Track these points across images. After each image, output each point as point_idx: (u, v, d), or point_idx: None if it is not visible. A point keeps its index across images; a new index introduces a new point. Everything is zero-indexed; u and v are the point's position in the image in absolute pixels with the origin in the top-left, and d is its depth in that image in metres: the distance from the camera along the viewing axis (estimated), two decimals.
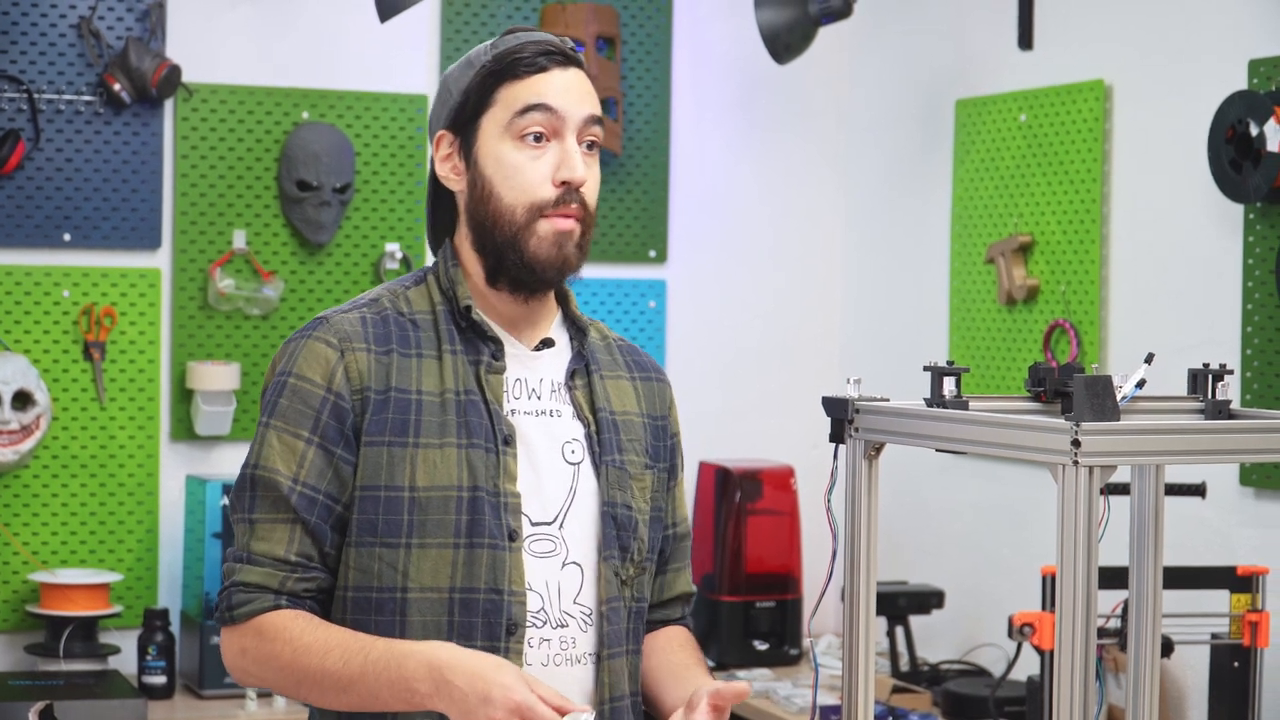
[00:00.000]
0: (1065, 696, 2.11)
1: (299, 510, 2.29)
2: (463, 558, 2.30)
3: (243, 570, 2.30)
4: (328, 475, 2.31)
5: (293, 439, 2.31)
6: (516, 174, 2.33)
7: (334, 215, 4.55)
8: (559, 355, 2.43)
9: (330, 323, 2.35)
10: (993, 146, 4.48)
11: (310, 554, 2.30)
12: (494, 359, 2.37)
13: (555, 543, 2.36)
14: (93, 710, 3.90)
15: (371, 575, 2.31)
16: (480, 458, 2.32)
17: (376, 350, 2.34)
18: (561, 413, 2.40)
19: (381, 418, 2.31)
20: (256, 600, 2.29)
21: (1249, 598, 3.43)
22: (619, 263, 4.93)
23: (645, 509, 2.43)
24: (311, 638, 2.26)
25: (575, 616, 2.36)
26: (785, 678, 4.43)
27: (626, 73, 4.89)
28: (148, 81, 4.34)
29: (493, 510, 2.31)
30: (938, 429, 2.30)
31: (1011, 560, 4.38)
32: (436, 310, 2.39)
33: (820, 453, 4.97)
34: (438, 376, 2.34)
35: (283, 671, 2.27)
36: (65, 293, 4.37)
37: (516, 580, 2.31)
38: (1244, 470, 3.75)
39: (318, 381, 2.32)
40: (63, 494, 4.38)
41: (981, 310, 4.52)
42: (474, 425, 2.33)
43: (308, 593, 2.31)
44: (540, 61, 2.35)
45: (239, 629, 2.30)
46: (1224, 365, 2.41)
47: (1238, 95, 3.69)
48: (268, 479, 2.31)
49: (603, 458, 2.39)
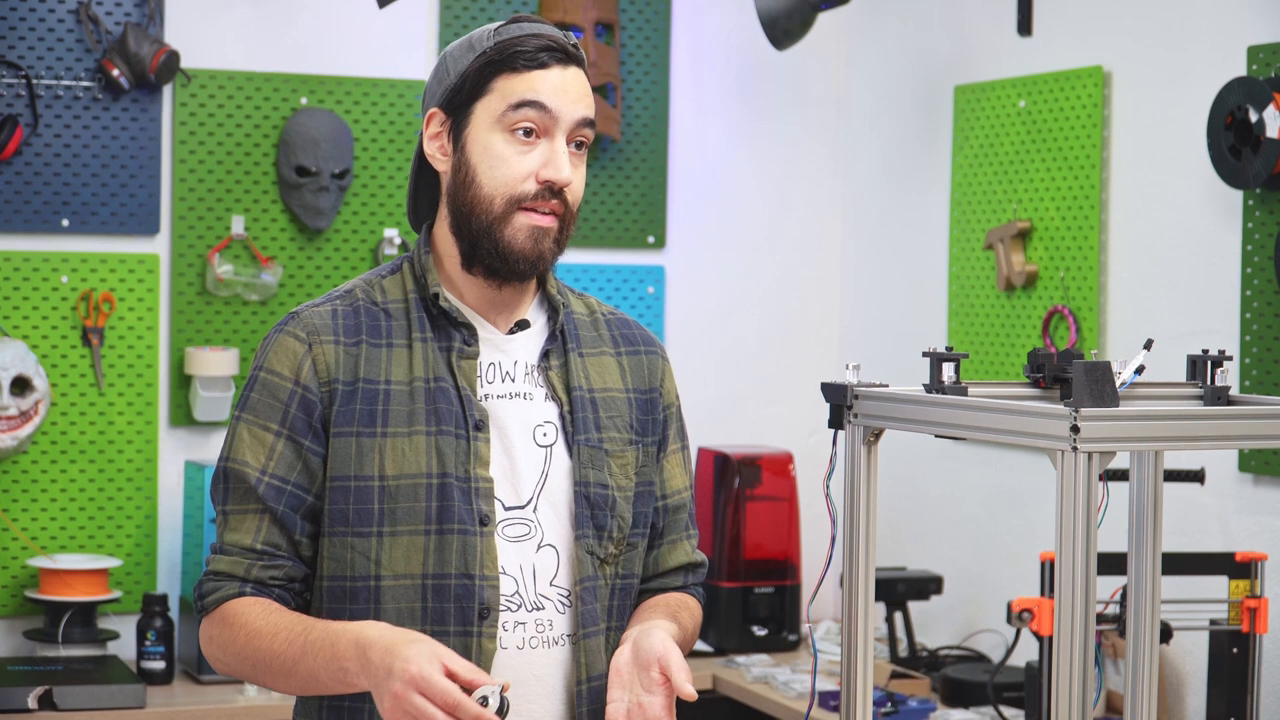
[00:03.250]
0: (1064, 682, 2.11)
1: (266, 500, 2.33)
2: (433, 544, 2.32)
3: (214, 560, 2.36)
4: (297, 467, 2.34)
5: (262, 432, 2.36)
6: (501, 165, 2.35)
7: (332, 201, 4.55)
8: (534, 337, 2.44)
9: (300, 317, 2.39)
10: (992, 133, 4.48)
11: (278, 543, 2.34)
12: (466, 344, 2.39)
13: (529, 526, 2.37)
14: (92, 695, 3.91)
15: (345, 564, 2.34)
16: (450, 444, 2.33)
17: (346, 342, 2.37)
18: (534, 395, 2.41)
19: (350, 409, 2.34)
20: (223, 588, 2.33)
21: (1248, 584, 3.43)
22: (617, 249, 4.93)
23: (628, 485, 2.43)
24: (263, 622, 2.29)
25: (552, 599, 2.37)
26: (784, 663, 4.43)
27: (625, 58, 4.89)
28: (146, 67, 4.33)
29: (463, 496, 2.33)
30: (937, 415, 2.30)
31: (1010, 546, 4.38)
32: (409, 298, 2.41)
33: (819, 439, 4.97)
34: (407, 365, 2.37)
35: (239, 656, 2.32)
36: (64, 278, 4.37)
37: (489, 565, 2.32)
38: (1243, 456, 3.75)
39: (286, 375, 2.36)
40: (61, 480, 4.38)
41: (980, 296, 4.52)
42: (443, 412, 2.34)
43: (274, 580, 2.34)
44: (541, 57, 2.35)
45: (209, 618, 2.35)
46: (1223, 351, 2.41)
47: (1237, 81, 3.69)
48: (238, 471, 2.36)
49: (575, 437, 2.40)
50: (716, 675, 4.36)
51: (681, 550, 2.55)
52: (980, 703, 3.96)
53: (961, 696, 4.03)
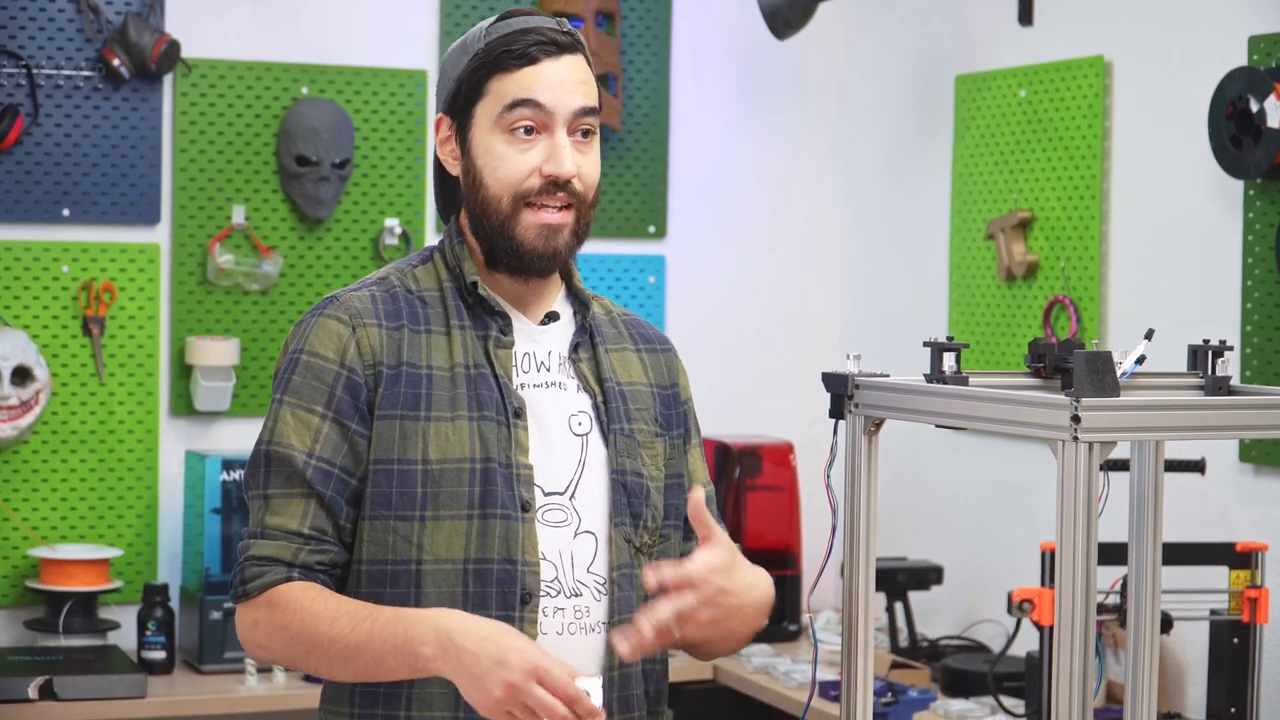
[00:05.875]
0: (1064, 672, 2.11)
1: (314, 484, 2.31)
2: (476, 529, 2.32)
3: (256, 545, 2.32)
4: (343, 449, 2.33)
5: (307, 414, 2.33)
6: (503, 165, 2.36)
7: (333, 191, 4.55)
8: (564, 329, 2.46)
9: (341, 301, 2.38)
10: (993, 122, 4.48)
11: (324, 527, 2.32)
12: (502, 333, 2.40)
13: (567, 513, 2.38)
14: (92, 685, 3.91)
15: (386, 548, 2.33)
16: (492, 430, 2.34)
17: (388, 326, 2.37)
18: (567, 385, 2.42)
19: (394, 392, 2.34)
20: (269, 573, 2.31)
21: (1248, 574, 3.44)
22: (618, 238, 4.92)
23: (658, 476, 2.44)
24: (320, 606, 2.27)
25: (589, 585, 2.37)
26: (784, 653, 4.44)
27: (626, 48, 4.88)
28: (147, 56, 4.33)
29: (505, 481, 2.33)
30: (937, 405, 2.30)
31: (1011, 536, 4.38)
32: (444, 287, 2.42)
33: (820, 429, 4.97)
34: (447, 352, 2.37)
35: (292, 641, 2.28)
36: (65, 268, 4.37)
37: (530, 550, 2.33)
38: (1244, 446, 3.75)
39: (330, 357, 2.34)
40: (62, 469, 4.38)
41: (981, 286, 4.51)
42: (484, 398, 2.35)
43: (321, 565, 2.32)
44: (531, 53, 2.36)
45: (252, 603, 2.32)
46: (1224, 341, 2.41)
47: (1238, 71, 3.68)
48: (282, 454, 2.33)
49: (610, 426, 2.41)
50: (717, 665, 4.36)
51: None
52: (981, 693, 3.97)
53: (962, 686, 4.03)
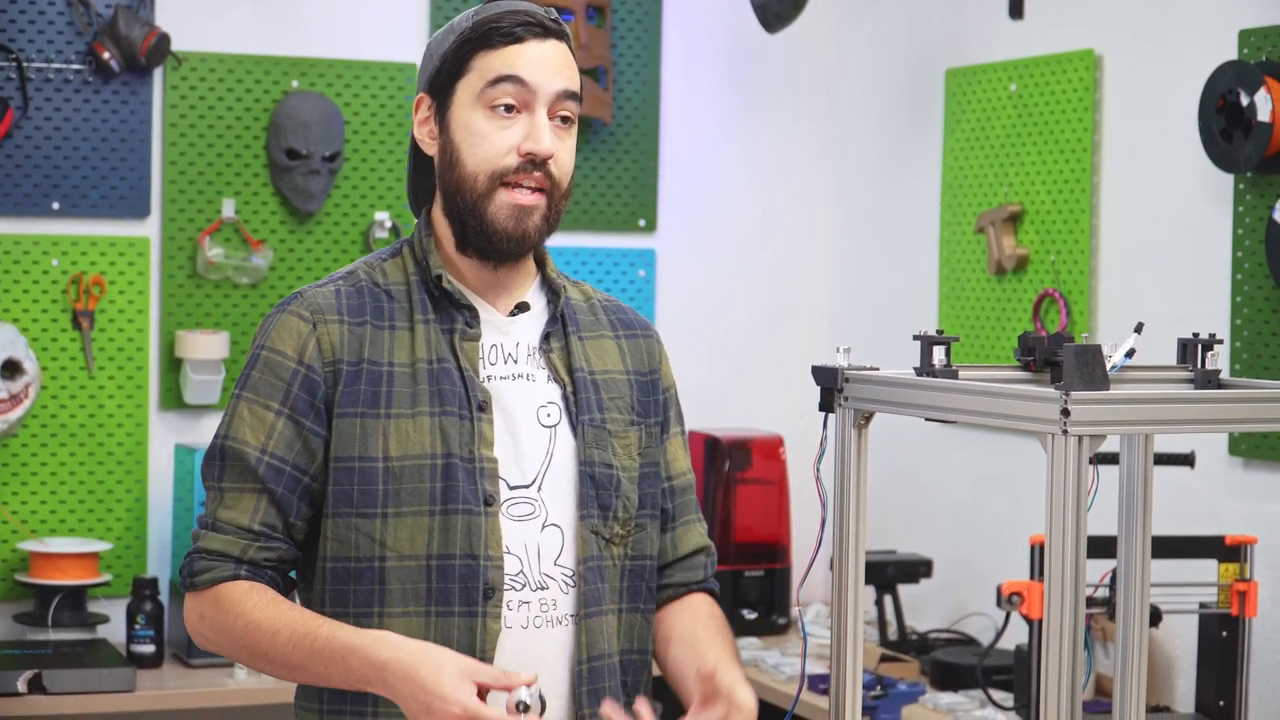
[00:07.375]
0: (1053, 665, 2.11)
1: (265, 480, 2.33)
2: (438, 524, 2.32)
3: (206, 537, 2.34)
4: (296, 446, 2.34)
5: (263, 410, 2.34)
6: (482, 141, 2.35)
7: (323, 184, 4.55)
8: (535, 319, 2.45)
9: (304, 297, 2.39)
10: (983, 116, 4.48)
11: (274, 524, 2.34)
12: (468, 326, 2.39)
13: (534, 505, 2.37)
14: (81, 679, 3.91)
15: (349, 545, 2.33)
16: (454, 425, 2.34)
17: (350, 322, 2.37)
18: (536, 376, 2.41)
19: (354, 389, 2.34)
20: (217, 568, 2.32)
21: (1237, 567, 3.44)
22: (608, 231, 4.92)
23: (632, 466, 2.43)
24: (262, 614, 2.29)
25: (556, 579, 2.37)
26: (774, 646, 4.44)
27: (616, 41, 4.88)
28: (137, 50, 4.32)
29: (467, 476, 2.33)
30: (927, 398, 2.30)
31: (1000, 529, 4.38)
32: (410, 281, 2.41)
33: (809, 422, 4.94)
34: (409, 347, 2.37)
35: (235, 645, 2.33)
36: (54, 261, 4.36)
37: (493, 545, 2.33)
38: (1233, 440, 3.75)
39: (289, 354, 2.35)
40: (51, 463, 4.37)
41: (971, 280, 4.52)
42: (447, 393, 2.35)
43: (269, 562, 2.34)
44: (517, 32, 2.36)
45: (199, 595, 2.34)
46: (1213, 335, 2.41)
47: (1228, 65, 3.69)
48: (236, 450, 2.34)
49: (580, 417, 2.40)
50: None
51: (696, 532, 2.54)
52: (969, 686, 3.97)
53: (951, 679, 4.03)
